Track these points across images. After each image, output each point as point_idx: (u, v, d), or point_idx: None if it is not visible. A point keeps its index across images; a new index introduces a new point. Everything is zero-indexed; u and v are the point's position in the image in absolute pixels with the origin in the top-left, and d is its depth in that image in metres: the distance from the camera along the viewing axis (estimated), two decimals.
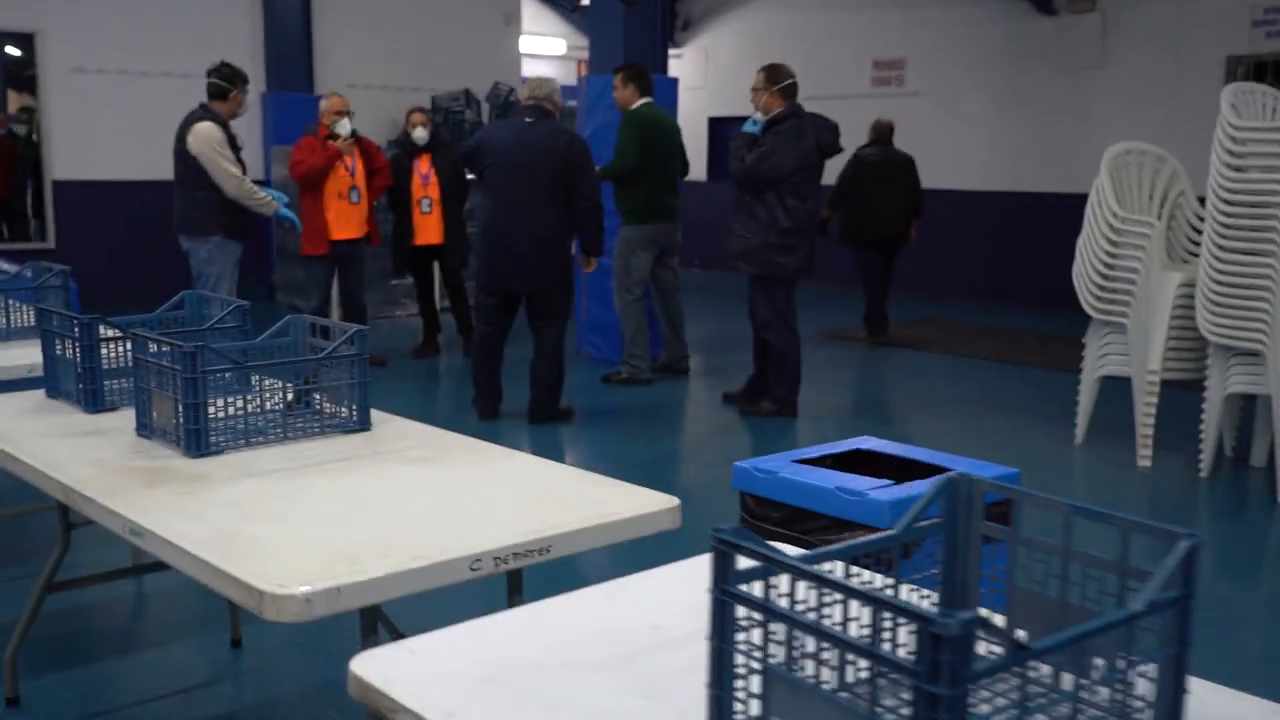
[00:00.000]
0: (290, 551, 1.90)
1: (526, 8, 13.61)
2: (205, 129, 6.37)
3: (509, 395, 6.39)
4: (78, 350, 2.93)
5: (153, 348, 2.65)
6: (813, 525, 2.30)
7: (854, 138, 7.95)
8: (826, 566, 1.28)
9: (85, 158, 10.33)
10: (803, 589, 1.24)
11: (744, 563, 1.25)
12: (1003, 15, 11.27)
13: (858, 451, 2.57)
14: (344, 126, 7.03)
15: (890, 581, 1.45)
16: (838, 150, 6.21)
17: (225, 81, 6.54)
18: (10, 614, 3.64)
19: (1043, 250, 11.01)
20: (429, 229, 7.73)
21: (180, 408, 2.51)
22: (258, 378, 2.80)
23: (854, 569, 1.40)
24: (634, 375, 7.30)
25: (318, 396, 2.81)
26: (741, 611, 1.24)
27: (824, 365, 8.04)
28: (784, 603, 1.23)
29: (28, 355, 3.71)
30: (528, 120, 6.04)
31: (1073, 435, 5.89)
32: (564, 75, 15.82)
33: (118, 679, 3.31)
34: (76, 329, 2.93)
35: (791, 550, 1.37)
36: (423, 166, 7.71)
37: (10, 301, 4.09)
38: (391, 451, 2.57)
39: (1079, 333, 5.77)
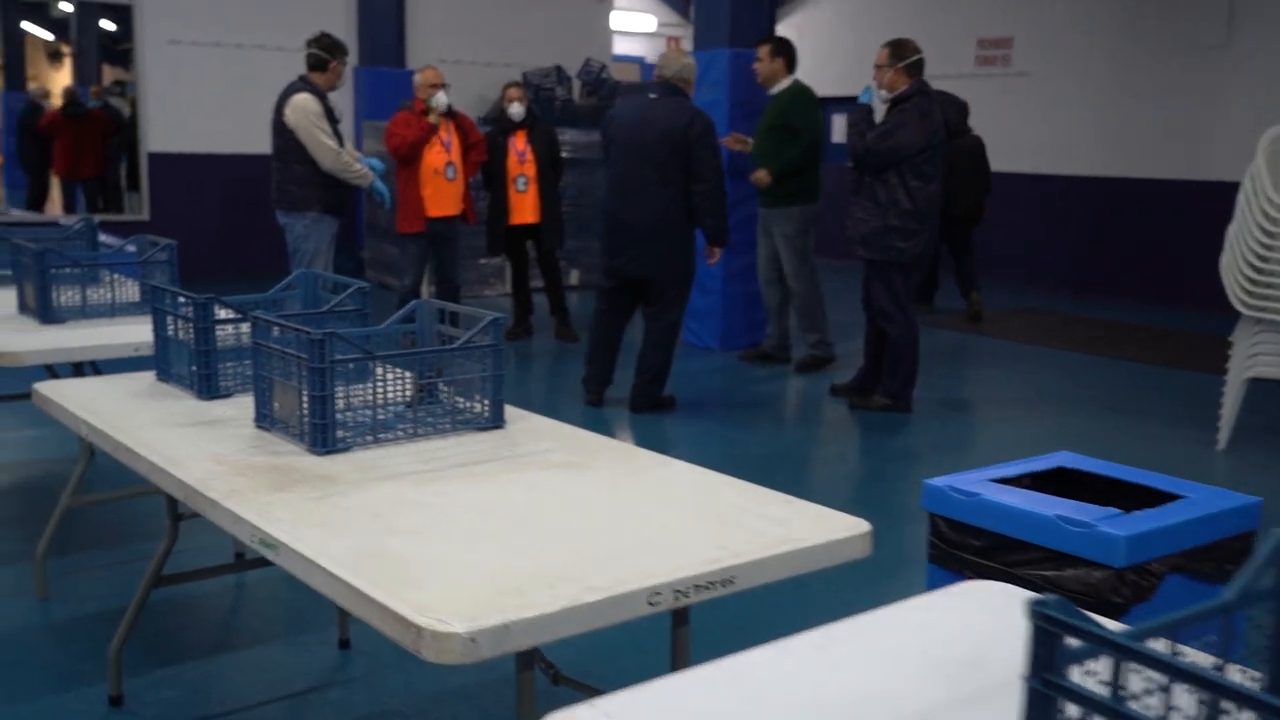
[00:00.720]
0: (446, 577, 1.67)
1: None
2: (303, 101, 6.21)
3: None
4: (192, 332, 2.74)
5: (275, 332, 2.44)
6: (1022, 557, 2.02)
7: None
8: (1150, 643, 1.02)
9: (180, 130, 10.29)
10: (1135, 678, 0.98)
11: (1072, 642, 0.98)
12: None
13: (1059, 469, 2.28)
14: (440, 100, 6.83)
15: (1218, 661, 1.16)
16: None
17: (324, 52, 6.37)
18: (110, 602, 3.51)
19: (1158, 240, 10.50)
20: (525, 208, 7.51)
21: (305, 400, 2.30)
22: (382, 368, 2.58)
23: (1178, 646, 1.11)
24: (825, 355, 7.10)
25: (444, 389, 2.58)
26: (1070, 708, 1.00)
27: (925, 356, 7.69)
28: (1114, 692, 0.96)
29: (133, 333, 3.55)
30: (652, 96, 5.81)
31: (1214, 440, 5.50)
32: (653, 53, 15.53)
33: (223, 679, 3.13)
34: (191, 310, 2.74)
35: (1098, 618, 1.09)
36: (519, 143, 7.49)
37: (115, 276, 3.94)
38: (531, 454, 2.34)
39: (1200, 328, 5.36)
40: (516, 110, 7.45)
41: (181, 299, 2.81)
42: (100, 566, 3.88)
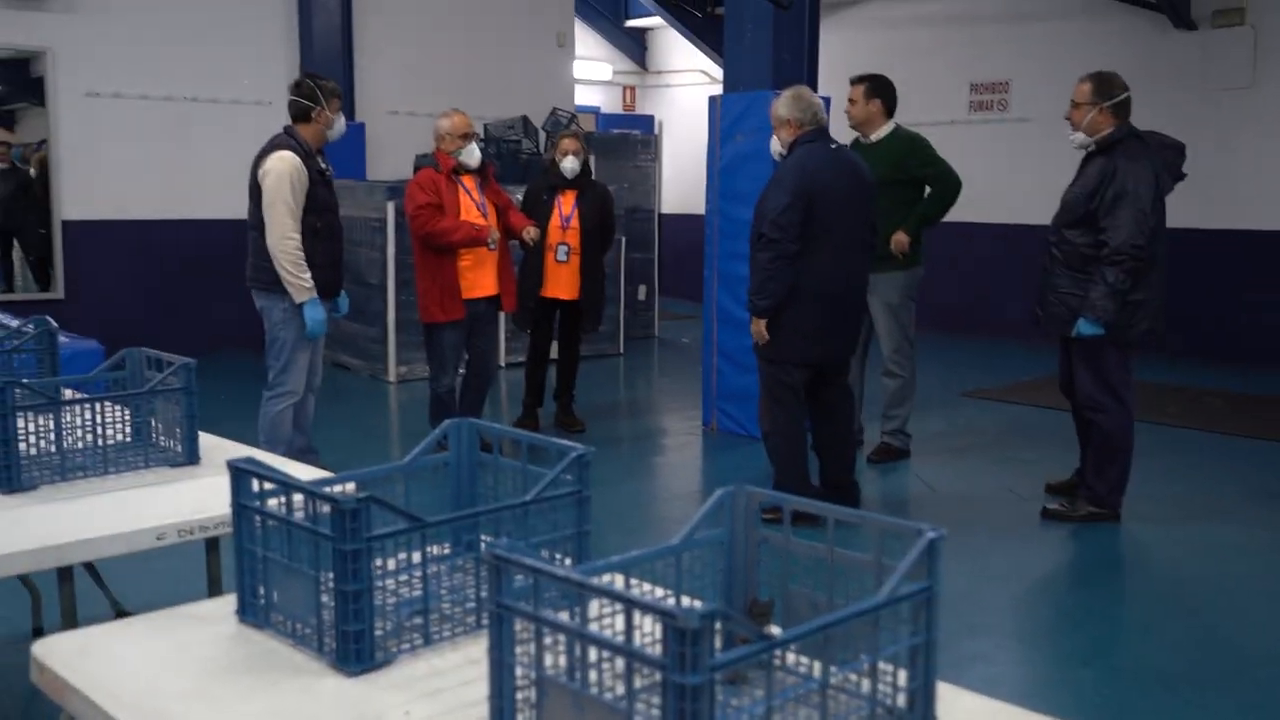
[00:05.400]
0: None
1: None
2: (277, 160, 5.01)
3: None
4: (323, 554, 1.57)
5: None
6: None
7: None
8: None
9: (101, 194, 8.90)
10: None
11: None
12: (1131, 31, 10.07)
13: None
14: (472, 155, 5.63)
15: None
16: (1181, 177, 4.95)
17: (306, 99, 5.18)
18: None
19: (1184, 292, 9.75)
20: (561, 281, 6.27)
21: None
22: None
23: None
24: (903, 445, 6.15)
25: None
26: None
27: (1011, 435, 6.74)
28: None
29: (147, 506, 2.36)
30: (834, 146, 4.88)
31: None
32: (609, 102, 14.57)
33: None
34: (326, 515, 1.56)
35: None
36: (565, 205, 6.28)
37: (100, 404, 2.71)
38: None
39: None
40: (570, 165, 6.21)
41: (291, 493, 1.64)
42: None
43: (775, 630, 1.54)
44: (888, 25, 11.94)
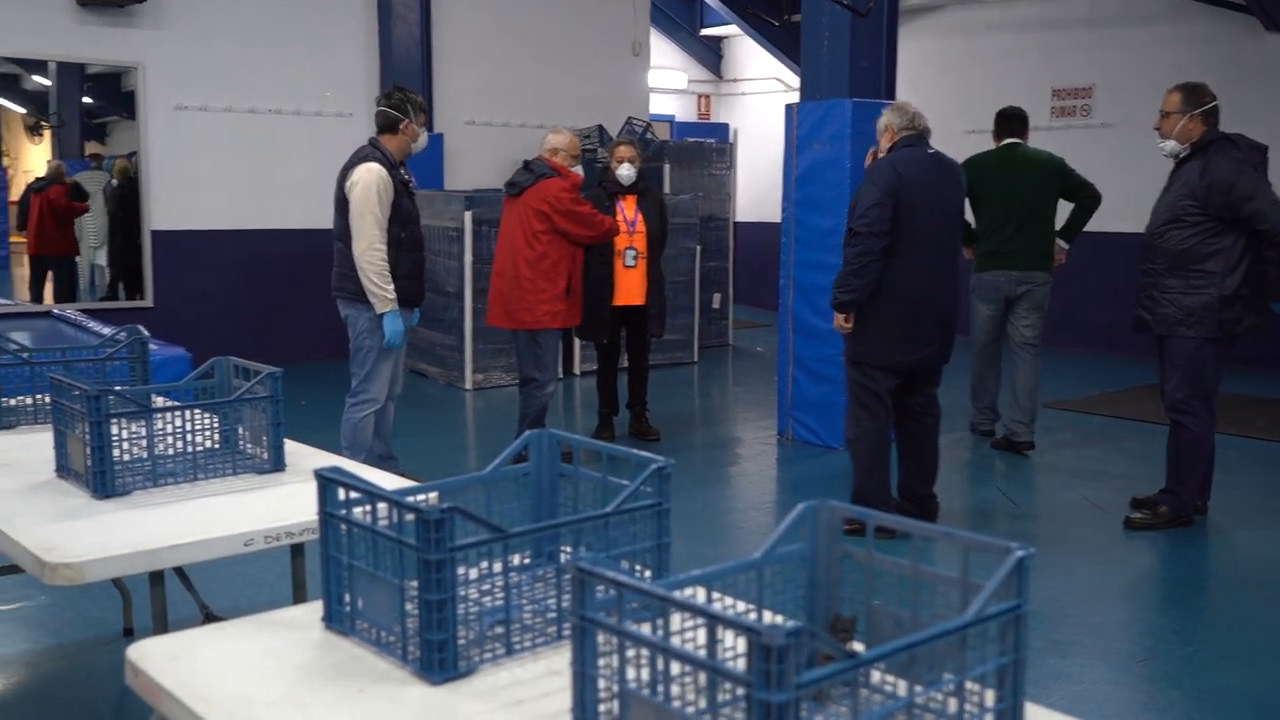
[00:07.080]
0: None
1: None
2: (365, 171, 5.09)
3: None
4: (404, 561, 1.59)
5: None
6: None
7: None
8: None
9: (188, 205, 9.13)
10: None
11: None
12: (1219, 34, 9.83)
13: None
14: (579, 175, 5.83)
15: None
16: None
17: (395, 110, 5.26)
18: None
19: None
20: (633, 286, 6.31)
21: None
22: None
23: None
24: (982, 424, 6.80)
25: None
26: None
27: (1143, 452, 6.60)
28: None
29: (235, 513, 2.40)
30: (930, 151, 4.81)
31: None
32: (684, 111, 14.59)
33: None
34: (411, 528, 1.58)
35: None
36: (628, 210, 6.33)
37: (188, 411, 2.77)
38: None
39: None
40: (627, 173, 6.29)
41: (376, 502, 1.67)
42: None
43: (858, 646, 1.54)
44: (967, 31, 11.79)
